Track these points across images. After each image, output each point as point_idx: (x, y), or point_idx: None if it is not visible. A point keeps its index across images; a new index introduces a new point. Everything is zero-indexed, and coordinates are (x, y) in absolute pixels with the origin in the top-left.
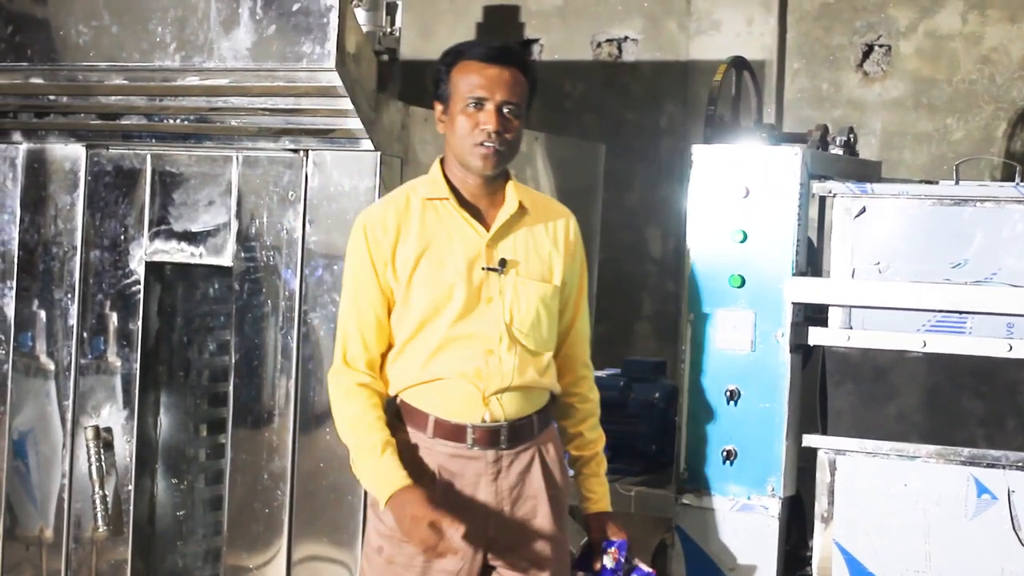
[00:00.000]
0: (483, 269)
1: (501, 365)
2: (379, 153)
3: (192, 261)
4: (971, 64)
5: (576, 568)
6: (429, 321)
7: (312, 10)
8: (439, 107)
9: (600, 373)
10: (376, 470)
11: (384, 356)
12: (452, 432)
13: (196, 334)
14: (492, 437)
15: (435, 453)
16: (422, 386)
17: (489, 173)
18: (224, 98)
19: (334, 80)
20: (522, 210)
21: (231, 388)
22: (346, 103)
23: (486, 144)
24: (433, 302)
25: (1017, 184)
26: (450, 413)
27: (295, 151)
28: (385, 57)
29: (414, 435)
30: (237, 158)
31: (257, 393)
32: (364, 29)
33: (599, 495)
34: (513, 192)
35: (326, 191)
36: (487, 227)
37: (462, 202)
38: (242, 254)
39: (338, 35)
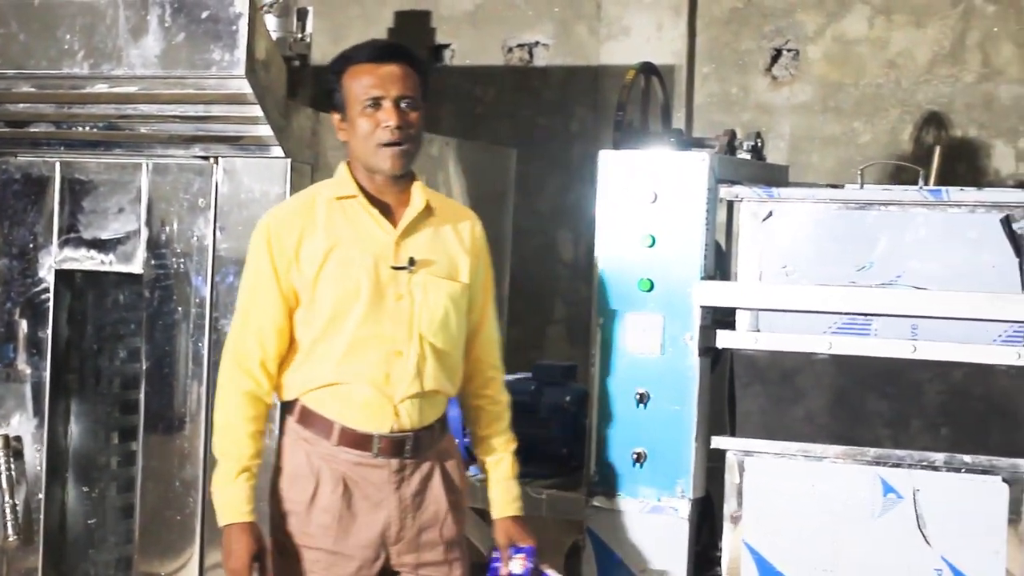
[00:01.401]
0: (392, 268)
1: (408, 367)
2: (289, 160)
3: (102, 269)
4: (877, 68)
5: (484, 573)
6: (337, 320)
7: (221, 17)
8: (337, 116)
9: (511, 377)
10: (225, 492)
11: (282, 359)
12: (357, 441)
13: (107, 341)
14: (397, 447)
15: (338, 461)
16: (328, 389)
17: (398, 173)
18: (133, 106)
19: (244, 87)
20: (428, 210)
21: (142, 395)
22: (256, 110)
23: (391, 142)
24: (340, 300)
25: (921, 188)
26: (356, 422)
27: (205, 158)
28: (296, 63)
29: (316, 441)
30: (147, 165)
31: (168, 400)
32: (274, 35)
33: (508, 499)
34: (420, 192)
35: (236, 198)
36: (394, 225)
37: (371, 201)
38: (152, 261)
39: (248, 42)
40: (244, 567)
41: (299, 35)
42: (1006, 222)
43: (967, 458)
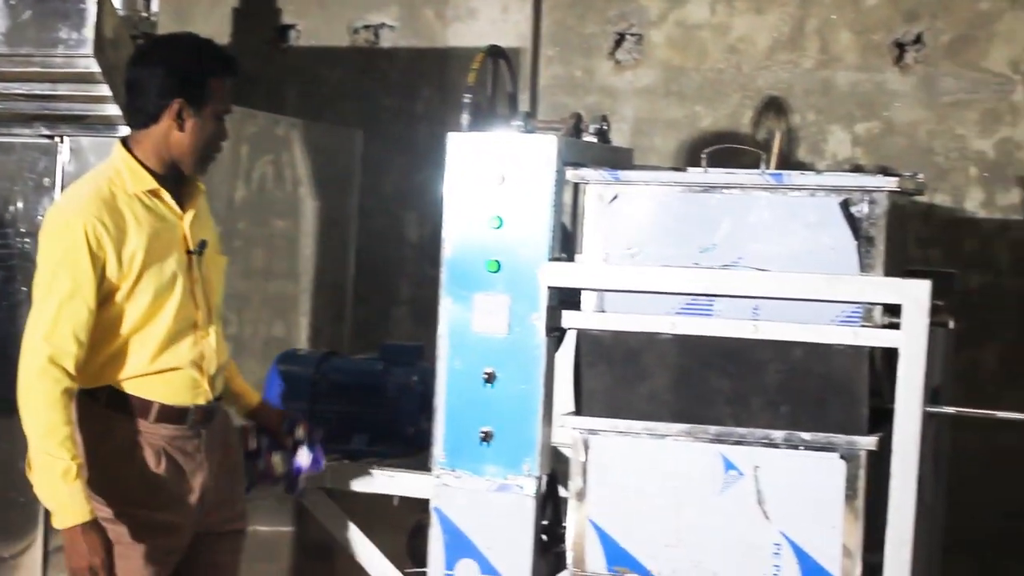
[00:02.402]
0: (187, 253)
1: (212, 344)
2: None
3: None
4: (719, 53)
5: (268, 453)
6: (154, 312)
7: None
8: (179, 103)
9: (359, 357)
10: (64, 492)
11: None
12: (175, 416)
13: None
14: (208, 415)
15: (157, 436)
16: (149, 376)
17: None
18: None
19: (92, 66)
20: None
21: None
22: (104, 89)
23: (216, 155)
24: (158, 293)
25: (763, 172)
26: (176, 399)
27: (51, 137)
28: (141, 42)
29: (130, 421)
30: None
31: (12, 381)
32: (120, 14)
33: (248, 388)
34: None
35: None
36: (183, 211)
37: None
38: None
39: (96, 21)
40: (103, 562)
41: (144, 14)
42: (844, 205)
43: (806, 435)
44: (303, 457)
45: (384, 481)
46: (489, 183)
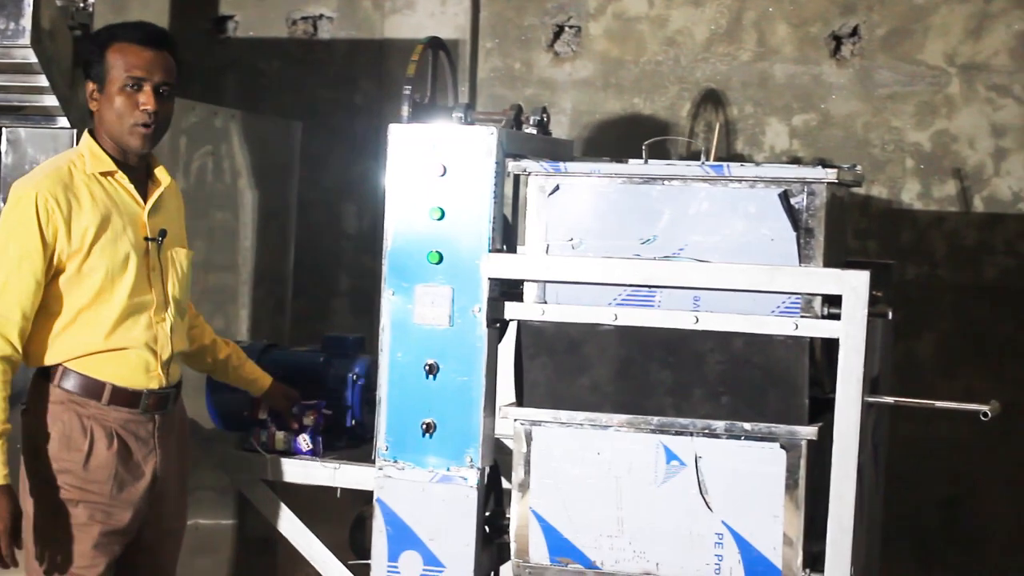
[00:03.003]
0: (145, 240)
1: (168, 331)
2: (75, 131)
3: None
4: (657, 46)
5: (272, 427)
6: (106, 289)
7: None
8: (92, 86)
9: (300, 349)
10: None
11: (46, 322)
12: (128, 399)
13: None
14: (162, 402)
15: (109, 419)
16: (101, 355)
17: (144, 151)
18: None
19: (29, 56)
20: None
21: None
22: (42, 80)
23: (146, 124)
24: (110, 272)
25: (703, 163)
26: (129, 381)
27: None
28: (78, 32)
29: (84, 402)
30: None
31: None
32: (58, 3)
33: (260, 372)
34: (163, 170)
35: (21, 169)
36: (144, 199)
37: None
38: None
39: (33, 11)
40: (6, 529)
41: (81, 4)
42: (784, 197)
43: (747, 425)
44: (303, 442)
45: (327, 473)
46: (430, 174)
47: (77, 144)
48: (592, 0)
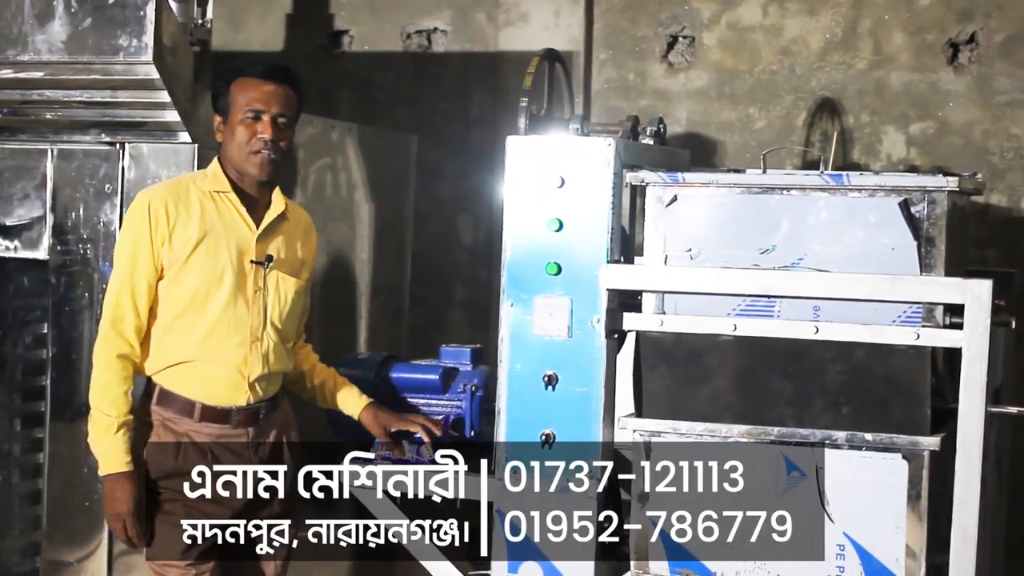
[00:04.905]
0: (251, 262)
1: (261, 352)
2: (196, 145)
3: (7, 255)
4: (772, 55)
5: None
6: (199, 301)
7: (128, 3)
8: (218, 119)
9: (419, 362)
10: (106, 444)
11: (149, 326)
12: (218, 416)
13: (11, 328)
14: (253, 417)
15: (202, 435)
16: (187, 366)
17: (264, 178)
18: (39, 91)
19: (152, 73)
20: (284, 214)
21: (48, 382)
22: (164, 96)
23: (262, 152)
24: (205, 283)
25: (822, 173)
26: (216, 399)
27: (111, 144)
28: (197, 49)
29: (179, 420)
30: (52, 151)
31: (75, 387)
32: (178, 20)
33: (357, 393)
34: (279, 198)
35: (143, 184)
36: (257, 224)
37: (240, 198)
38: (58, 247)
39: (155, 28)
40: (130, 511)
41: (200, 21)
42: (904, 206)
43: (868, 436)
44: (425, 453)
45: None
46: (548, 186)
47: (198, 162)
48: (706, 10)
